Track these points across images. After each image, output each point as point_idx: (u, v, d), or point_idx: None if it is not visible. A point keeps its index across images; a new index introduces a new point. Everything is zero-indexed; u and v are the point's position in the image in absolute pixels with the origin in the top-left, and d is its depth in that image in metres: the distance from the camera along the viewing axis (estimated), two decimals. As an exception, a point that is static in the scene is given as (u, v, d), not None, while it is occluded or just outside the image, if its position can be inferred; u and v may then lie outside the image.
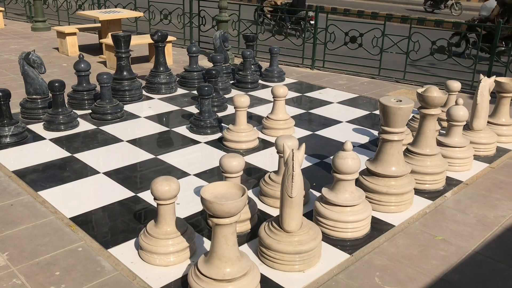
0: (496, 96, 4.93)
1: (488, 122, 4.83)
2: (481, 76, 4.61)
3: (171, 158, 4.34)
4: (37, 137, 4.74)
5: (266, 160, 4.35)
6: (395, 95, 6.37)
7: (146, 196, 3.62)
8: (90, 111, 5.38)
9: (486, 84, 4.54)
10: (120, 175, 3.97)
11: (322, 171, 4.17)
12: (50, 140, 4.68)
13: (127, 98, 5.85)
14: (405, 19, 13.51)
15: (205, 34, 9.04)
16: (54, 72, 7.22)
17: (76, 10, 10.46)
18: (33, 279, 2.69)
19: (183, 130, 5.03)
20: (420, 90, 3.79)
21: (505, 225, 3.39)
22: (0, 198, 3.57)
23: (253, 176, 4.03)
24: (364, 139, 4.92)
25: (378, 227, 3.30)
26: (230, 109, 5.63)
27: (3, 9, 11.52)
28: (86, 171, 4.04)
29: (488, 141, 4.54)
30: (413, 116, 5.11)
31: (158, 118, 5.39)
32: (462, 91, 6.48)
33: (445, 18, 15.60)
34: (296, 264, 2.78)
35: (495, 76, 4.81)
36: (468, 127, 4.62)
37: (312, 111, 5.81)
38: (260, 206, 3.52)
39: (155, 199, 2.77)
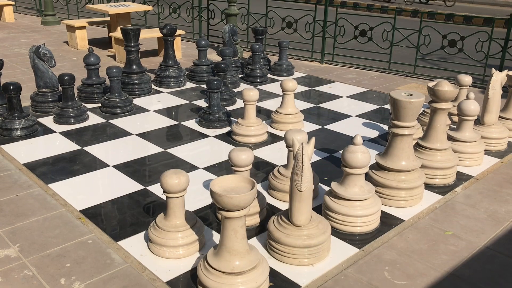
0: (508, 90, 4.88)
1: (500, 116, 4.78)
2: (493, 70, 4.56)
3: (180, 151, 4.35)
4: (47, 130, 4.77)
5: (275, 154, 4.34)
6: (405, 89, 6.33)
7: (155, 189, 3.63)
8: (99, 104, 5.40)
9: (498, 78, 4.49)
10: (129, 168, 3.98)
11: (331, 165, 4.16)
12: (60, 133, 4.70)
13: (136, 92, 5.87)
14: (416, 12, 13.40)
15: (214, 28, 9.03)
16: (64, 65, 7.25)
17: (86, 4, 10.48)
18: (44, 271, 2.71)
19: (192, 124, 5.04)
20: (431, 84, 3.76)
21: (516, 220, 3.36)
22: (11, 190, 3.60)
23: (262, 170, 4.03)
24: (374, 134, 4.89)
25: (388, 221, 3.29)
26: (239, 103, 5.63)
27: (13, 3, 11.58)
28: (96, 164, 4.06)
29: (499, 136, 4.50)
30: (423, 110, 5.07)
31: (167, 112, 5.40)
32: (473, 85, 6.42)
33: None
34: (305, 258, 2.77)
35: (507, 70, 4.76)
36: (479, 121, 4.58)
37: (321, 105, 5.78)
38: (269, 200, 3.51)
39: (164, 192, 2.78)
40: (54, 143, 4.47)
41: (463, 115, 4.14)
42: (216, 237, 3.05)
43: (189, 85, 6.42)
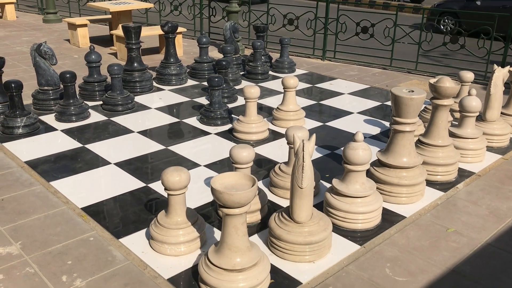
0: (510, 86, 4.86)
1: (502, 113, 4.76)
2: (495, 66, 4.54)
3: (182, 149, 4.35)
4: (49, 128, 4.77)
5: (276, 151, 4.34)
6: (407, 85, 6.30)
7: (157, 186, 3.64)
8: (101, 102, 5.40)
9: (500, 74, 4.47)
10: (131, 166, 3.99)
11: (333, 162, 4.15)
12: (62, 131, 4.71)
13: (138, 90, 5.87)
14: (418, 9, 13.36)
15: (215, 25, 9.01)
16: (66, 63, 7.26)
17: (87, 1, 10.49)
18: (45, 268, 2.72)
19: (193, 121, 5.04)
20: (432, 80, 3.75)
21: (518, 217, 3.35)
22: (13, 188, 3.61)
23: (263, 167, 4.02)
24: (375, 130, 4.88)
25: (389, 218, 3.28)
26: (240, 100, 5.62)
27: (15, 1, 11.58)
28: (98, 161, 4.07)
29: (501, 132, 4.48)
30: (425, 107, 5.06)
31: (169, 109, 5.40)
32: (475, 82, 6.40)
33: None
34: (306, 255, 2.77)
35: (509, 66, 4.74)
36: (481, 118, 4.57)
37: (322, 102, 5.77)
38: (270, 197, 3.51)
39: (165, 189, 2.78)
40: (56, 141, 4.48)
41: (465, 111, 4.13)
42: (217, 234, 3.05)
43: (190, 82, 6.41)
